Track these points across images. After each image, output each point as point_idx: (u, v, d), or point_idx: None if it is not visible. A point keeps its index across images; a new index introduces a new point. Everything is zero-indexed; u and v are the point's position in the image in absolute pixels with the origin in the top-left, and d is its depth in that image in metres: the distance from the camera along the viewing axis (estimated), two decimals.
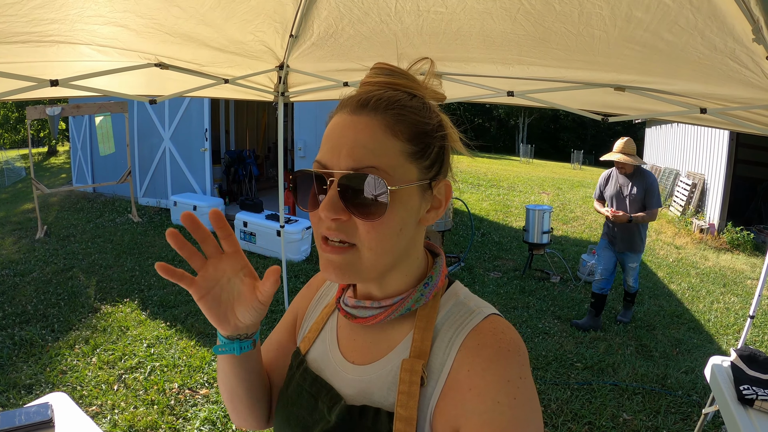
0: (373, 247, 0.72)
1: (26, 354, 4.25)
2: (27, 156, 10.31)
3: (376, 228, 0.71)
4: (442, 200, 0.79)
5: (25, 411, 1.87)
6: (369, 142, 0.70)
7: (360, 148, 0.70)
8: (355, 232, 0.72)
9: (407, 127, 0.73)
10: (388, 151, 0.71)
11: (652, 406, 3.80)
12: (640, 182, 4.93)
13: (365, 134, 0.71)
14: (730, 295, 6.68)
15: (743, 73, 1.97)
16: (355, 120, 0.72)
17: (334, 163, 0.71)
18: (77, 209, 9.87)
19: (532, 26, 1.96)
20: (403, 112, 0.73)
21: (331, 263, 0.73)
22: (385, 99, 0.73)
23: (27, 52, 2.02)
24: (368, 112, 0.72)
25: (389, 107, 0.72)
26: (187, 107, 9.27)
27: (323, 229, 0.73)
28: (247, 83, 3.14)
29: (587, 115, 2.82)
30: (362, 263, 0.73)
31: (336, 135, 0.73)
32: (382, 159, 0.70)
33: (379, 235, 0.71)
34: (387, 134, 0.71)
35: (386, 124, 0.71)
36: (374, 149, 0.70)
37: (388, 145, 0.71)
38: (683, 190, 11.76)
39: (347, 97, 0.77)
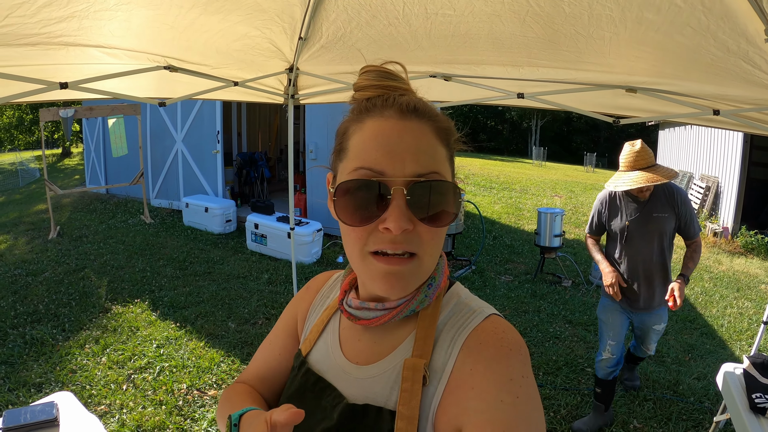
0: (432, 253, 0.73)
1: (37, 353, 4.29)
2: (41, 157, 10.41)
3: (439, 234, 0.72)
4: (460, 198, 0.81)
5: (30, 409, 1.89)
6: (429, 149, 0.71)
7: (423, 154, 0.70)
8: (419, 242, 0.71)
9: (445, 133, 0.75)
10: (442, 157, 0.73)
11: (663, 412, 3.76)
12: (666, 202, 3.30)
13: (424, 140, 0.72)
14: (743, 300, 6.59)
15: (757, 75, 1.94)
16: (408, 125, 0.72)
17: (397, 170, 0.69)
18: (90, 210, 9.96)
19: (542, 28, 1.95)
20: (440, 119, 0.75)
21: (395, 275, 0.72)
22: (423, 104, 0.75)
23: (37, 54, 2.03)
24: (419, 118, 0.73)
25: (432, 114, 0.74)
26: (200, 109, 9.33)
27: (386, 243, 0.70)
28: (256, 86, 3.14)
29: (598, 117, 2.79)
30: (421, 271, 0.74)
31: (390, 140, 0.71)
32: (440, 165, 0.72)
33: (439, 241, 0.73)
34: (438, 140, 0.73)
35: (435, 130, 0.74)
36: (433, 155, 0.72)
37: (440, 150, 0.73)
38: (697, 193, 11.65)
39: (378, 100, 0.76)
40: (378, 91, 0.77)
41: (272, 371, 1.01)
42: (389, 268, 0.71)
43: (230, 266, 6.85)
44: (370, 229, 0.71)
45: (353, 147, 0.74)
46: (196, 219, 8.72)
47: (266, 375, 1.01)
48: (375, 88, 0.78)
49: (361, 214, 0.70)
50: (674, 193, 3.32)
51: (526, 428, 0.65)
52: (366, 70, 0.80)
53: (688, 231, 3.30)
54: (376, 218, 0.69)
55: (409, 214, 0.68)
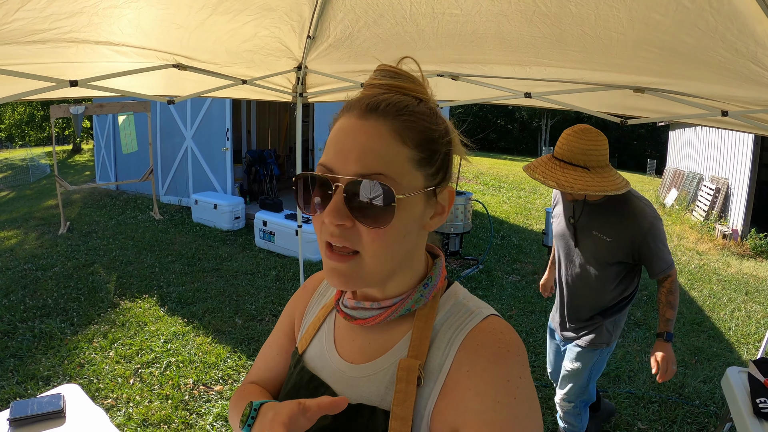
0: (377, 254, 0.71)
1: (45, 346, 4.33)
2: (51, 153, 10.50)
3: (381, 236, 0.70)
4: (446, 206, 0.79)
5: (37, 401, 1.91)
6: (378, 148, 0.69)
7: (369, 153, 0.69)
8: (359, 240, 0.71)
9: (416, 134, 0.72)
10: (397, 158, 0.70)
11: (668, 415, 3.74)
12: (619, 224, 2.40)
13: (374, 140, 0.69)
14: (752, 303, 6.54)
15: (765, 77, 1.93)
16: (364, 125, 0.71)
17: (341, 167, 0.70)
18: (100, 206, 10.04)
19: (548, 28, 1.94)
20: (412, 118, 0.72)
21: (336, 271, 0.73)
22: (394, 104, 0.72)
23: (47, 52, 2.05)
24: (377, 117, 0.71)
25: (399, 113, 0.71)
26: (209, 107, 9.37)
27: (326, 234, 0.72)
28: (265, 84, 3.16)
29: (606, 117, 2.78)
30: (365, 270, 0.73)
31: (343, 139, 0.72)
32: (390, 166, 0.69)
33: (383, 243, 0.71)
34: (396, 141, 0.70)
35: (395, 130, 0.70)
36: (383, 156, 0.69)
37: (397, 151, 0.70)
38: (707, 195, 11.57)
39: (353, 99, 0.76)
40: (373, 90, 0.77)
41: (272, 372, 1.02)
42: (331, 263, 0.73)
43: (238, 263, 6.88)
44: (322, 219, 0.73)
45: (326, 144, 0.76)
46: (205, 216, 8.77)
47: (268, 376, 1.02)
48: (374, 87, 0.77)
49: (311, 205, 0.74)
50: (636, 217, 2.36)
51: (523, 429, 0.65)
52: (377, 69, 0.79)
53: (651, 267, 2.44)
54: (322, 210, 0.71)
55: (345, 210, 0.68)
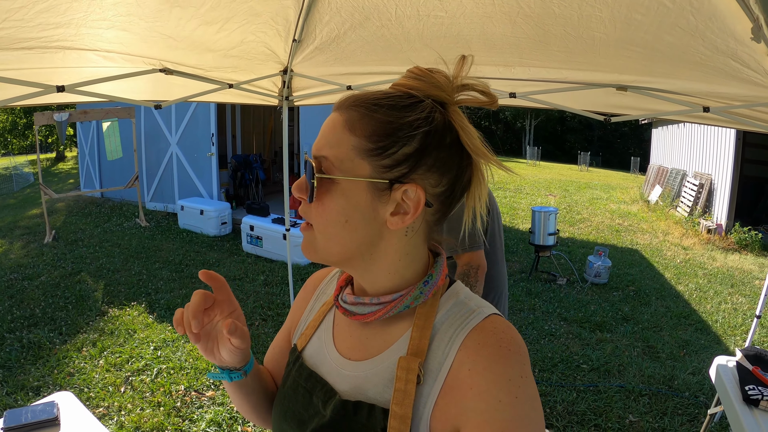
0: (321, 229, 0.77)
1: (34, 356, 4.29)
2: (35, 161, 10.40)
3: (318, 212, 0.76)
4: (410, 206, 0.74)
5: (31, 409, 1.89)
6: (328, 135, 0.76)
7: (321, 139, 0.77)
8: (309, 213, 0.78)
9: (368, 125, 0.73)
10: (340, 143, 0.75)
11: (658, 407, 3.79)
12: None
13: (327, 128, 0.77)
14: (738, 296, 6.64)
15: (745, 73, 1.97)
16: (330, 117, 0.79)
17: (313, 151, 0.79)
18: (85, 214, 9.95)
19: (532, 29, 1.97)
20: (369, 111, 0.74)
21: (302, 239, 0.82)
22: (357, 98, 0.77)
23: (34, 58, 2.05)
24: (339, 111, 0.77)
25: (358, 105, 0.76)
26: (194, 112, 9.32)
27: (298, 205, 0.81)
28: (251, 88, 3.16)
29: (590, 116, 2.82)
30: (317, 244, 0.79)
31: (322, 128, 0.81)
32: (332, 150, 0.75)
33: (323, 220, 0.76)
34: (344, 129, 0.75)
35: (348, 120, 0.75)
36: (329, 141, 0.76)
37: (342, 138, 0.75)
38: (690, 191, 11.71)
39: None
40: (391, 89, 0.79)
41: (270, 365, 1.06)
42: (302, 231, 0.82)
43: (226, 268, 6.86)
44: None
45: None
46: (191, 222, 8.72)
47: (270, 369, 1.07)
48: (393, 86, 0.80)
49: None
50: None
51: (525, 428, 0.65)
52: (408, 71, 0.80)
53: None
54: None
55: (304, 186, 0.77)
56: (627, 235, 10.09)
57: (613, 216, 12.05)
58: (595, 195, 15.46)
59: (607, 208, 13.21)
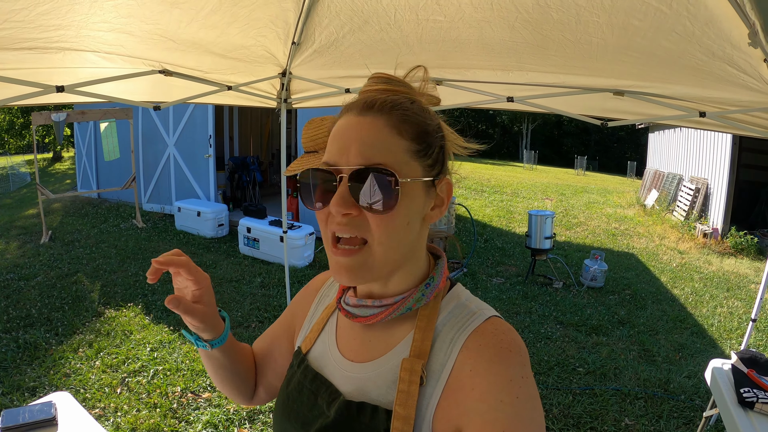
0: (383, 241, 0.74)
1: (30, 357, 4.28)
2: (32, 161, 10.38)
3: (386, 221, 0.73)
4: (444, 198, 0.81)
5: (28, 409, 1.89)
6: (376, 141, 0.73)
7: (368, 146, 0.73)
8: (367, 227, 0.73)
9: (411, 127, 0.76)
10: (394, 148, 0.74)
11: (654, 410, 3.80)
12: None
13: (372, 133, 0.74)
14: (733, 300, 6.67)
15: (741, 78, 1.98)
16: (361, 121, 0.75)
17: (344, 161, 0.73)
18: (82, 215, 9.93)
19: (530, 34, 1.98)
20: (407, 113, 0.76)
21: (343, 266, 0.75)
22: (389, 101, 0.76)
23: (33, 58, 2.05)
24: (374, 113, 0.75)
25: (394, 108, 0.75)
26: (192, 114, 9.32)
27: (334, 225, 0.75)
28: (250, 90, 3.17)
29: (587, 120, 2.83)
30: (374, 260, 0.75)
31: (343, 135, 0.76)
32: (388, 156, 0.73)
33: (389, 229, 0.73)
34: (392, 133, 0.74)
35: (391, 123, 0.74)
36: (381, 147, 0.73)
37: (394, 143, 0.74)
38: (686, 195, 11.74)
39: (351, 101, 0.81)
40: (375, 93, 0.80)
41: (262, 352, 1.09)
42: (338, 258, 0.75)
43: (223, 270, 6.85)
44: (327, 212, 0.77)
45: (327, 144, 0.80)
46: (188, 223, 8.72)
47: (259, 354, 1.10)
48: (369, 92, 0.81)
49: (316, 198, 0.78)
50: None
51: (526, 428, 0.65)
52: (370, 77, 0.83)
53: None
54: (327, 203, 0.75)
55: (351, 200, 0.72)
56: (623, 239, 10.12)
57: (609, 220, 12.08)
58: (592, 199, 15.49)
59: (604, 212, 13.24)
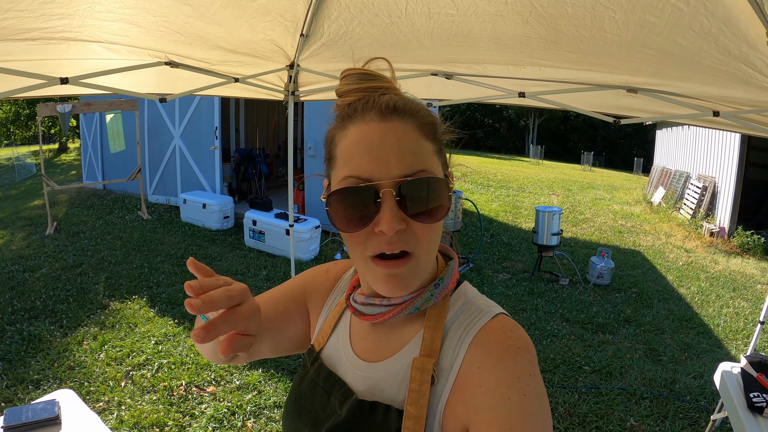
0: (429, 250, 0.74)
1: (35, 349, 4.28)
2: (38, 152, 10.39)
3: (433, 229, 0.73)
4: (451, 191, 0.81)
5: (32, 407, 1.88)
6: (413, 147, 0.71)
7: (408, 153, 0.70)
8: (415, 240, 0.72)
9: (430, 128, 0.75)
10: (428, 152, 0.73)
11: (660, 411, 3.78)
12: None
13: (407, 139, 0.71)
14: (739, 300, 6.62)
15: (757, 78, 1.95)
16: (390, 126, 0.72)
17: (384, 173, 0.69)
18: (87, 206, 9.94)
19: (544, 29, 1.95)
20: (423, 113, 0.75)
21: (395, 277, 0.73)
22: (408, 102, 0.75)
23: (37, 49, 2.03)
24: (399, 117, 0.73)
25: (413, 110, 0.74)
26: (198, 106, 9.30)
27: (382, 245, 0.71)
28: (257, 82, 3.14)
29: (599, 117, 2.80)
30: (420, 269, 0.75)
31: (375, 144, 0.71)
32: (427, 161, 0.72)
33: (434, 237, 0.74)
34: (421, 135, 0.73)
35: (418, 126, 0.73)
36: (419, 153, 0.71)
37: (425, 146, 0.73)
38: (694, 193, 11.67)
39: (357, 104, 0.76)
40: (358, 95, 0.77)
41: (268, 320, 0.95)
42: (389, 271, 0.72)
43: (228, 263, 6.85)
44: (367, 233, 0.72)
45: (340, 155, 0.74)
46: (193, 215, 8.71)
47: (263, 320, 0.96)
48: (355, 92, 0.78)
49: (355, 220, 0.72)
50: None
51: (534, 426, 0.65)
52: (345, 75, 0.80)
53: None
54: (369, 222, 0.71)
55: (401, 214, 0.69)
56: (630, 237, 10.07)
57: (615, 217, 12.02)
58: (598, 195, 15.42)
59: (610, 208, 13.18)
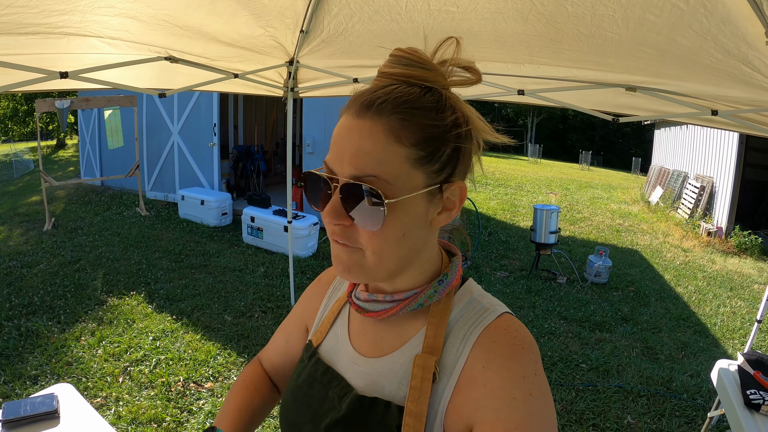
0: (376, 251, 0.71)
1: (32, 345, 4.28)
2: (36, 149, 10.38)
3: (377, 235, 0.70)
4: (456, 202, 0.75)
5: (30, 401, 1.87)
6: (371, 150, 0.67)
7: (362, 155, 0.67)
8: (358, 238, 0.71)
9: (413, 132, 0.69)
10: (392, 158, 0.68)
11: (656, 409, 3.79)
12: None
13: (367, 141, 0.68)
14: (736, 299, 6.64)
15: (756, 78, 1.95)
16: (358, 124, 0.69)
17: (338, 168, 0.70)
18: (85, 202, 9.92)
19: (544, 27, 1.95)
20: (409, 115, 0.69)
21: (340, 259, 0.75)
22: (390, 100, 0.69)
23: (37, 43, 2.03)
24: (372, 116, 0.68)
25: (394, 110, 0.68)
26: (196, 102, 9.29)
27: (329, 231, 0.74)
28: (256, 78, 3.14)
29: (598, 115, 2.80)
30: (367, 266, 0.73)
31: (340, 140, 0.71)
32: (384, 167, 0.67)
33: (381, 242, 0.71)
34: (390, 140, 0.68)
35: (390, 128, 0.68)
36: (377, 157, 0.67)
37: (391, 151, 0.68)
38: (691, 193, 11.70)
39: (356, 93, 0.74)
40: (382, 80, 0.74)
41: (281, 357, 1.06)
42: (335, 251, 0.75)
43: (226, 259, 6.84)
44: None
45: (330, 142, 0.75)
46: (191, 211, 8.70)
47: (277, 361, 1.07)
48: (384, 76, 0.74)
49: (316, 201, 0.75)
50: None
51: (539, 426, 0.65)
52: (391, 54, 0.75)
53: None
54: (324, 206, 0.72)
55: (342, 210, 0.69)
56: (627, 236, 10.09)
57: (613, 216, 12.05)
58: (596, 194, 15.44)
59: (608, 207, 13.20)
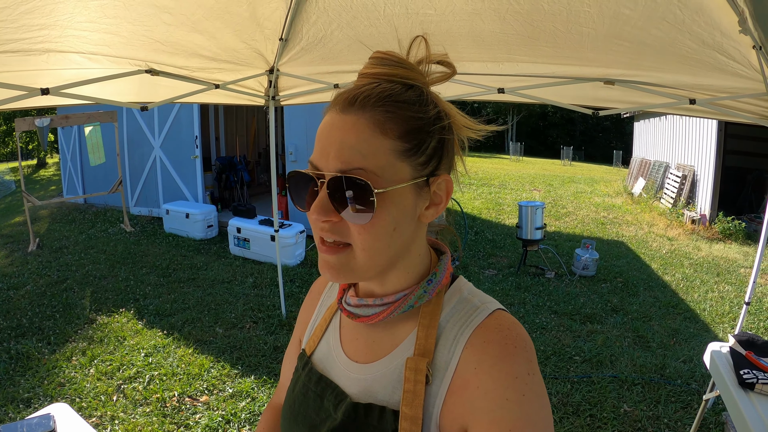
0: (366, 247, 0.71)
1: (23, 367, 4.23)
2: (16, 169, 10.25)
3: (367, 229, 0.69)
4: (443, 196, 0.76)
5: (27, 423, 1.86)
6: (356, 143, 0.68)
7: (347, 149, 0.68)
8: (348, 233, 0.71)
9: (398, 124, 0.70)
10: (377, 151, 0.68)
11: (652, 396, 3.83)
12: None
13: (352, 134, 0.68)
14: (724, 284, 6.73)
15: (731, 65, 1.99)
16: (343, 119, 0.70)
17: (324, 164, 0.70)
18: (69, 221, 9.81)
19: (521, 25, 1.98)
20: (393, 108, 0.70)
21: (327, 263, 0.73)
22: (374, 95, 0.70)
23: (17, 61, 2.01)
24: (356, 111, 0.69)
25: (378, 104, 0.69)
26: (177, 115, 9.24)
27: (317, 229, 0.73)
28: (237, 88, 3.14)
29: (578, 110, 2.83)
30: (357, 263, 0.72)
31: (324, 136, 0.71)
32: (370, 160, 0.68)
33: (371, 236, 0.70)
34: (375, 133, 0.68)
35: (374, 122, 0.69)
36: (361, 150, 0.68)
37: (377, 144, 0.68)
38: (673, 183, 11.84)
39: (339, 92, 0.75)
40: (364, 80, 0.74)
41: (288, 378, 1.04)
42: (323, 256, 0.73)
43: (214, 271, 6.81)
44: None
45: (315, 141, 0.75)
46: (177, 225, 8.65)
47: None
48: (365, 76, 0.75)
49: (302, 201, 0.74)
50: None
51: (533, 427, 0.64)
52: (370, 57, 0.75)
53: None
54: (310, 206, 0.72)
55: (330, 206, 0.69)
56: (612, 228, 10.18)
57: (597, 209, 12.15)
58: (580, 189, 15.57)
59: (592, 201, 13.32)
